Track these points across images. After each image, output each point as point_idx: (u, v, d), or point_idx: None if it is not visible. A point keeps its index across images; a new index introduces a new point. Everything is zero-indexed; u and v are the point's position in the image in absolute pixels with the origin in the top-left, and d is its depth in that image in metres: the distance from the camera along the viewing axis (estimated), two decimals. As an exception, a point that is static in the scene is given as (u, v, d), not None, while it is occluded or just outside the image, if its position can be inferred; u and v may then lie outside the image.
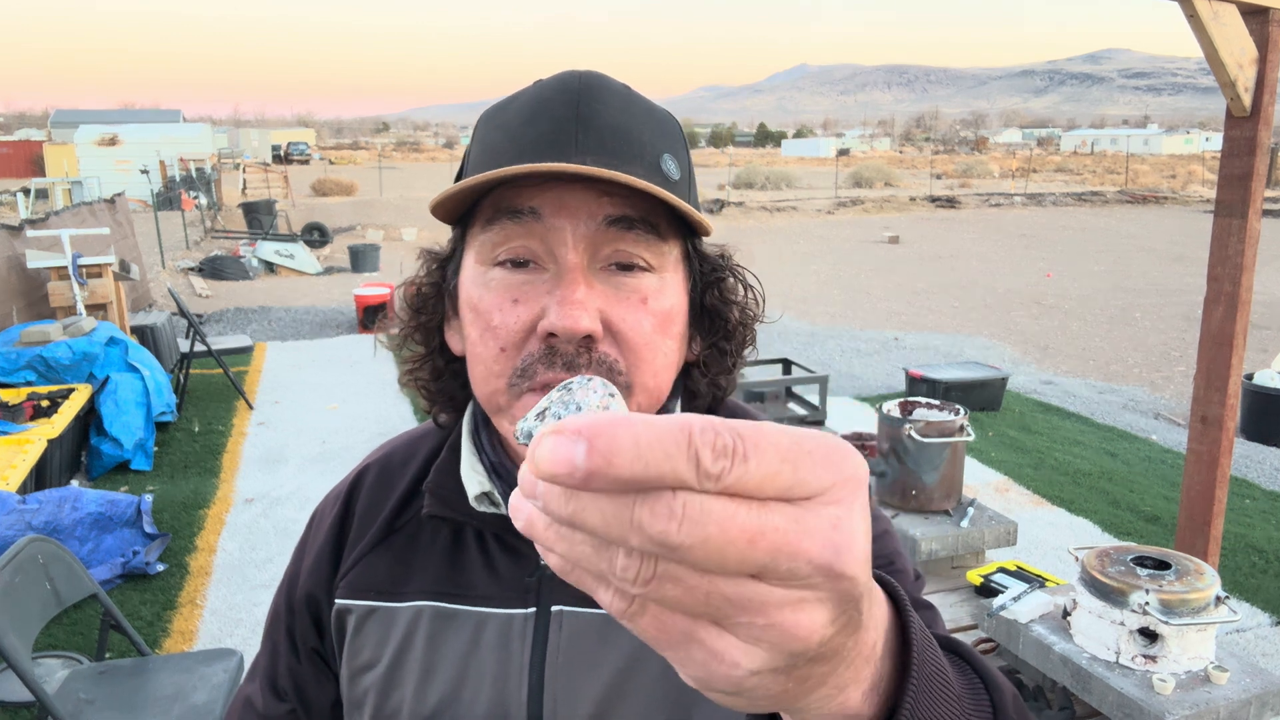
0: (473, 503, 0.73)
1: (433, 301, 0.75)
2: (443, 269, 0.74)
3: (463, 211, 0.70)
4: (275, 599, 0.86)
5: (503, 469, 0.74)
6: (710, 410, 0.81)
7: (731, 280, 0.75)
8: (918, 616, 0.40)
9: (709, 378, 0.76)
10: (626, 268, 0.65)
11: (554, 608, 0.73)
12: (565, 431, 0.28)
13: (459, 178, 0.72)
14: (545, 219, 0.63)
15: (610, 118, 0.65)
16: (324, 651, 0.81)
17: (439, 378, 0.77)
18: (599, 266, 0.65)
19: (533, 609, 0.73)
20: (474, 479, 0.74)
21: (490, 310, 0.65)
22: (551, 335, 0.63)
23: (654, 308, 0.66)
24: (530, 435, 0.32)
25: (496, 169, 0.63)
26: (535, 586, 0.73)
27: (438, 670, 0.73)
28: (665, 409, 0.75)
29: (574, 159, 0.62)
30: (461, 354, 0.73)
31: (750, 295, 0.77)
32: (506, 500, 0.73)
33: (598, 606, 0.72)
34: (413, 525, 0.79)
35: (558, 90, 0.66)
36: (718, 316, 0.74)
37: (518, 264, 0.65)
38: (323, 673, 0.81)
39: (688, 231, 0.71)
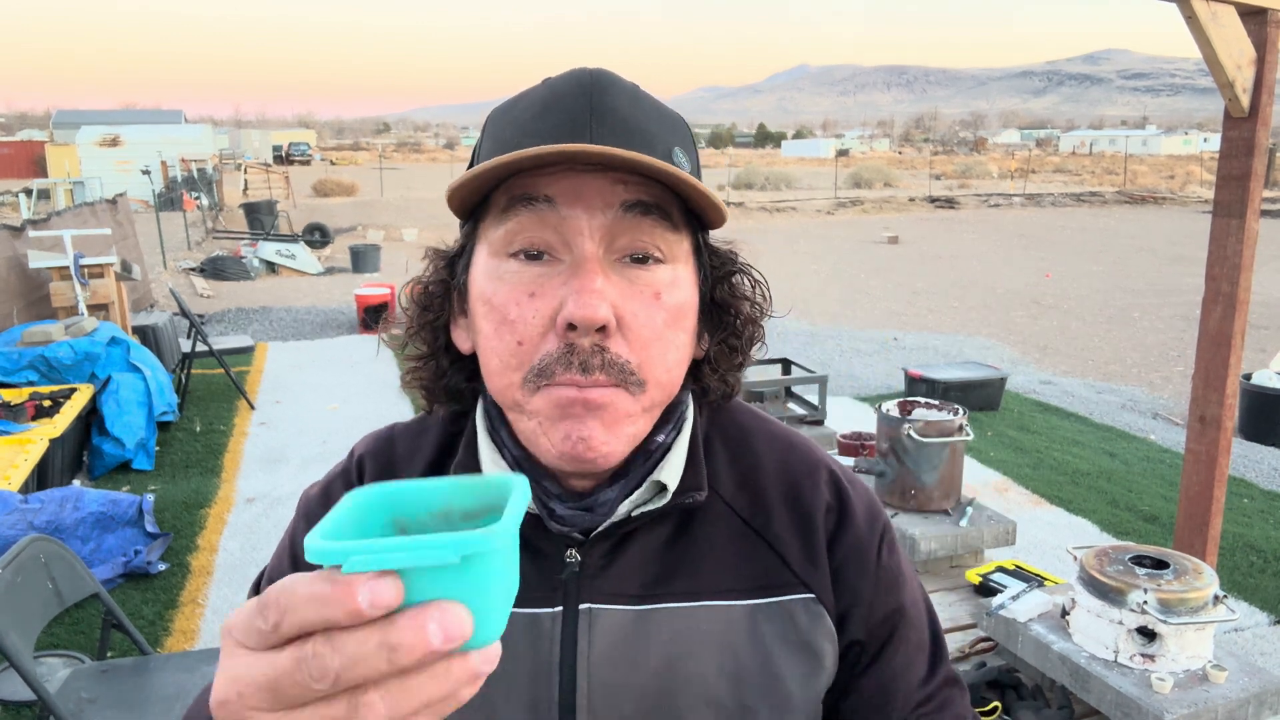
0: None
1: (439, 300, 0.74)
2: (450, 266, 0.74)
3: (475, 202, 0.69)
4: (259, 589, 0.82)
5: (524, 465, 0.74)
6: (717, 412, 0.81)
7: (739, 276, 0.76)
8: None
9: (718, 374, 0.77)
10: (640, 260, 0.65)
11: (582, 605, 0.72)
12: None
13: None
14: (560, 208, 0.63)
15: (622, 111, 0.65)
16: None
17: (442, 377, 0.76)
18: (613, 258, 0.65)
19: (559, 608, 0.72)
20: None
21: (506, 304, 0.65)
22: (571, 327, 0.63)
23: (667, 302, 0.66)
24: None
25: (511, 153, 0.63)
26: (562, 585, 0.73)
27: None
28: (676, 404, 0.75)
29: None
30: (469, 352, 0.73)
31: (758, 291, 0.77)
32: (531, 497, 0.73)
33: (628, 603, 0.72)
34: None
35: (569, 84, 0.66)
36: (727, 312, 0.75)
37: (531, 256, 0.65)
38: None
39: (698, 225, 0.71)
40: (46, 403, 5.23)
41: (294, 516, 0.85)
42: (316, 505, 0.82)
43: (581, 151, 0.59)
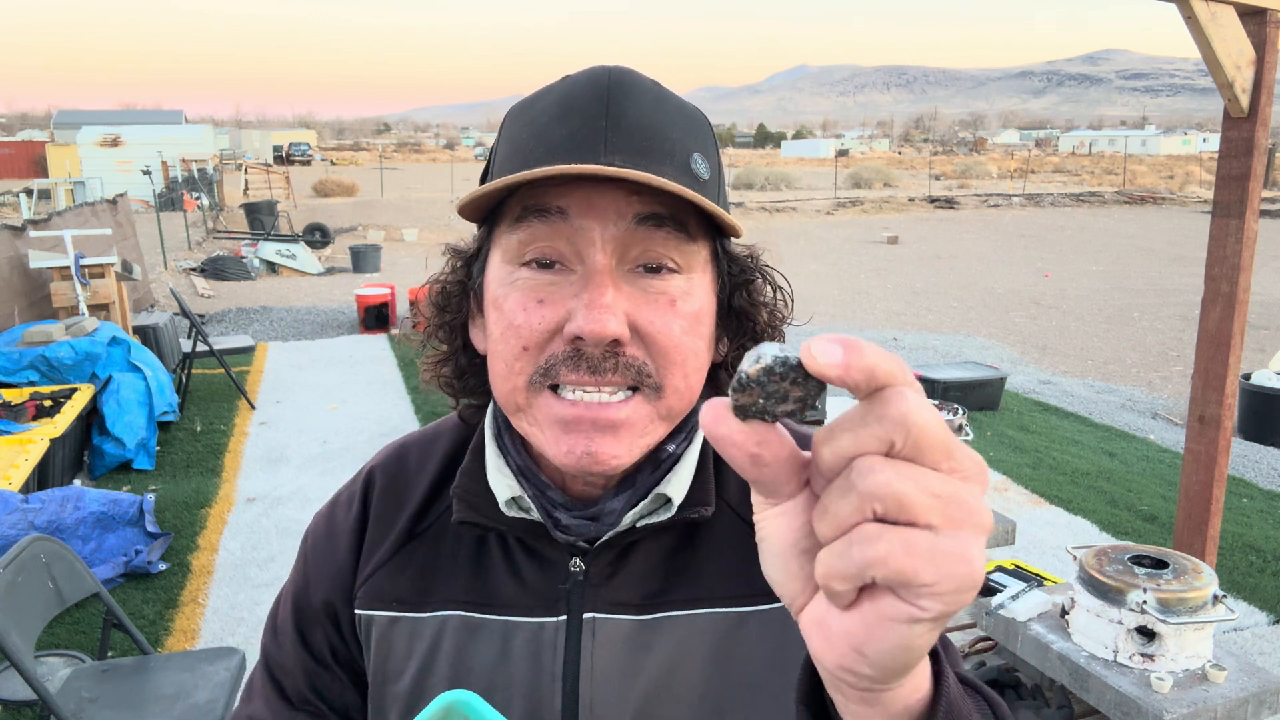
0: (503, 508, 0.72)
1: (457, 299, 0.74)
2: (468, 267, 0.73)
3: (490, 209, 0.68)
4: (279, 612, 0.82)
5: (529, 472, 0.73)
6: None
7: (760, 281, 0.74)
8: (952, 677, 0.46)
9: None
10: (654, 269, 0.64)
11: (585, 615, 0.71)
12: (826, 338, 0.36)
13: (485, 174, 0.71)
14: (573, 219, 0.62)
15: (640, 116, 0.64)
16: (343, 656, 0.79)
17: (462, 375, 0.76)
18: (627, 268, 0.64)
19: (563, 617, 0.71)
20: (502, 483, 0.72)
21: (515, 310, 0.64)
22: (578, 339, 0.62)
23: (683, 309, 0.65)
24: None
25: (524, 169, 0.62)
26: (565, 594, 0.72)
27: (466, 682, 0.72)
28: (690, 413, 0.74)
29: (603, 159, 0.61)
30: (485, 352, 0.72)
31: (779, 297, 0.76)
32: (536, 505, 0.71)
33: (631, 613, 0.71)
34: (434, 531, 0.77)
35: (587, 87, 0.65)
36: (746, 318, 0.73)
37: (544, 264, 0.64)
38: (342, 678, 0.79)
39: (716, 232, 0.70)
40: (47, 403, 5.23)
41: (300, 549, 0.84)
42: (322, 535, 0.82)
43: (592, 174, 0.59)
